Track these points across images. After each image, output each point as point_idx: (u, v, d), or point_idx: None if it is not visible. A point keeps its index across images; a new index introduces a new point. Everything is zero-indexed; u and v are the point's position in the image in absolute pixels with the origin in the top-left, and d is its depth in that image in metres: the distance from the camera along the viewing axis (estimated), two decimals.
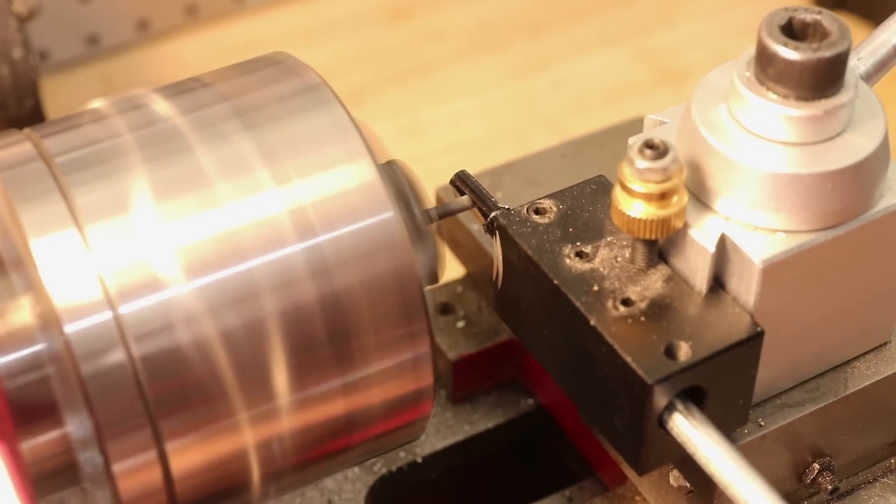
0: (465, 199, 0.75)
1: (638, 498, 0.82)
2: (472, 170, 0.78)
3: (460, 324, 0.89)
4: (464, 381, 0.88)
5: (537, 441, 0.91)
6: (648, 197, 0.66)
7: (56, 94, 1.27)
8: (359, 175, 0.65)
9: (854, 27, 0.68)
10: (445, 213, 0.73)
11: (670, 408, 0.66)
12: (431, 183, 0.73)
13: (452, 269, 0.86)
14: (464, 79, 1.35)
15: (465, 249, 0.89)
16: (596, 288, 0.69)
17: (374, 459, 0.85)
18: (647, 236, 0.67)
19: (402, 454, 0.86)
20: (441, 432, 0.87)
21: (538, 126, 1.30)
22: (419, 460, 0.86)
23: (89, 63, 1.35)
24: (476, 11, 1.42)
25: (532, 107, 1.32)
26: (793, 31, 0.67)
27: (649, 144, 0.66)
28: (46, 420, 0.63)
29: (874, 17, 1.35)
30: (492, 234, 0.74)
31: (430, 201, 0.71)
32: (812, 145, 0.67)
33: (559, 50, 1.38)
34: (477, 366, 0.88)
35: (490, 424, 0.88)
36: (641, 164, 0.65)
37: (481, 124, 1.30)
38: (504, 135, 1.29)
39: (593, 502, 0.83)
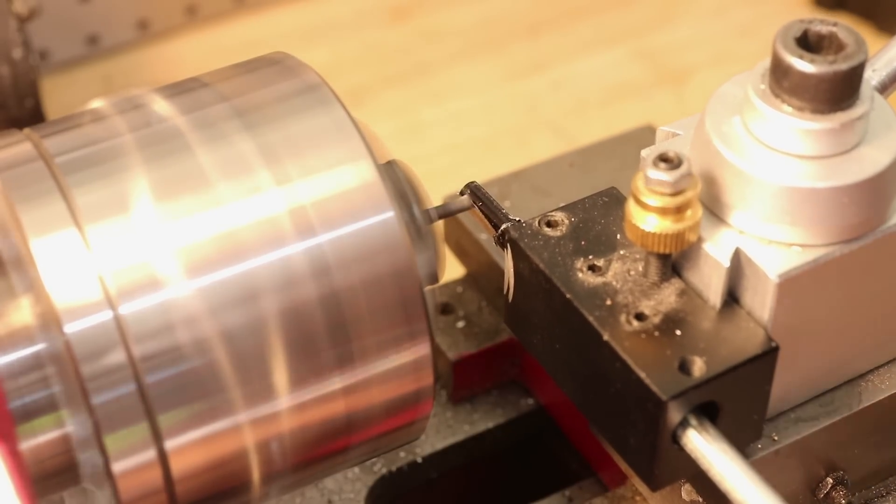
0: (465, 200, 0.75)
1: (638, 498, 0.82)
2: (472, 170, 0.78)
3: (460, 324, 0.89)
4: (464, 381, 0.88)
5: (537, 441, 0.90)
6: (663, 211, 0.65)
7: (56, 94, 1.27)
8: (359, 175, 0.65)
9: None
10: (446, 213, 0.73)
11: (684, 423, 0.66)
12: (431, 183, 0.73)
13: (452, 269, 0.86)
14: (464, 79, 1.35)
15: (473, 259, 0.89)
16: (609, 302, 0.69)
17: (374, 459, 0.85)
18: (661, 250, 0.67)
19: (402, 454, 0.86)
20: (441, 432, 0.87)
21: (538, 126, 1.30)
22: (419, 460, 0.86)
23: (89, 63, 1.35)
24: (476, 11, 1.42)
25: (532, 107, 1.32)
26: (808, 43, 0.67)
27: (663, 157, 0.65)
28: (46, 420, 0.63)
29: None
30: (503, 246, 0.73)
31: (431, 201, 0.71)
32: (827, 158, 0.67)
33: (559, 50, 1.38)
34: (477, 366, 0.88)
35: (490, 424, 0.88)
36: (656, 176, 0.65)
37: (481, 124, 1.30)
38: (504, 135, 1.29)
39: (593, 502, 0.83)
